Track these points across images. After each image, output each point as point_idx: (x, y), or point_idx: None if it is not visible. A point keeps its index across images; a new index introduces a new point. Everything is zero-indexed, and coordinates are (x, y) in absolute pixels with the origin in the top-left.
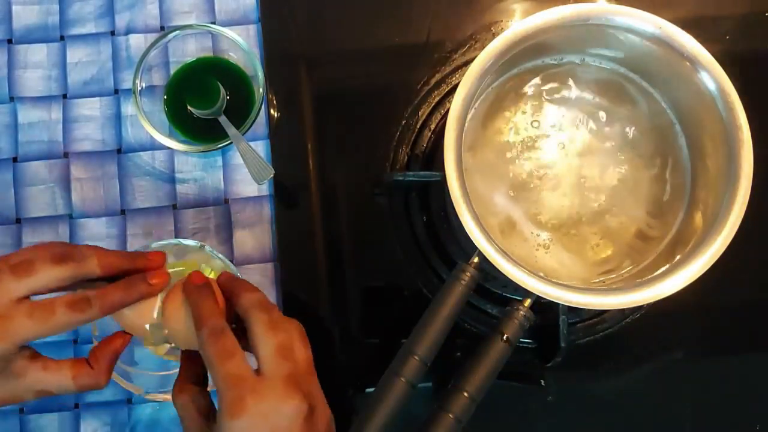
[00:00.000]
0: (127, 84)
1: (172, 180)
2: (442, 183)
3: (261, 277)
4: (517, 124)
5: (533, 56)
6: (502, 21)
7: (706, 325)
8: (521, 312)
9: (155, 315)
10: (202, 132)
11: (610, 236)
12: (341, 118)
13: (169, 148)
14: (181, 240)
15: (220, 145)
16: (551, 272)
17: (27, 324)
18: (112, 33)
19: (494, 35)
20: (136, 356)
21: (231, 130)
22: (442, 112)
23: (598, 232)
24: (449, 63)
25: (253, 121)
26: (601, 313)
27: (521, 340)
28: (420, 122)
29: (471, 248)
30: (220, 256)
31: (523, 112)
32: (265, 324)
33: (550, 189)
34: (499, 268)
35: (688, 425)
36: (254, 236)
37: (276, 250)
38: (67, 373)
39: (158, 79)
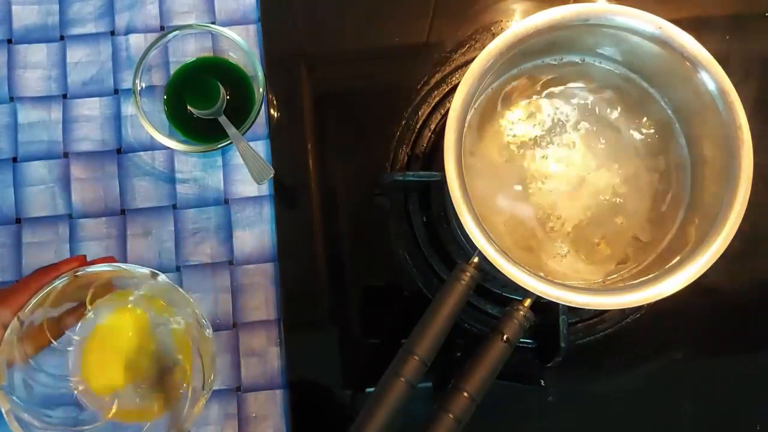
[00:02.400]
0: (127, 84)
1: (172, 180)
2: (442, 183)
3: (261, 277)
4: (517, 124)
5: (533, 56)
6: (502, 21)
7: (706, 325)
8: (521, 312)
9: None
10: (202, 132)
11: (610, 236)
12: (341, 118)
13: (169, 148)
14: (129, 266)
15: (220, 145)
16: (553, 273)
17: None
18: (112, 33)
19: (494, 35)
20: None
21: (231, 130)
22: (442, 112)
23: (599, 232)
24: (449, 63)
25: (253, 121)
26: (601, 313)
27: (521, 340)
28: (420, 122)
29: (471, 248)
30: (179, 288)
31: (523, 112)
32: None
33: (550, 189)
34: (499, 268)
35: (688, 425)
36: (254, 236)
37: (276, 250)
38: None
39: (158, 79)
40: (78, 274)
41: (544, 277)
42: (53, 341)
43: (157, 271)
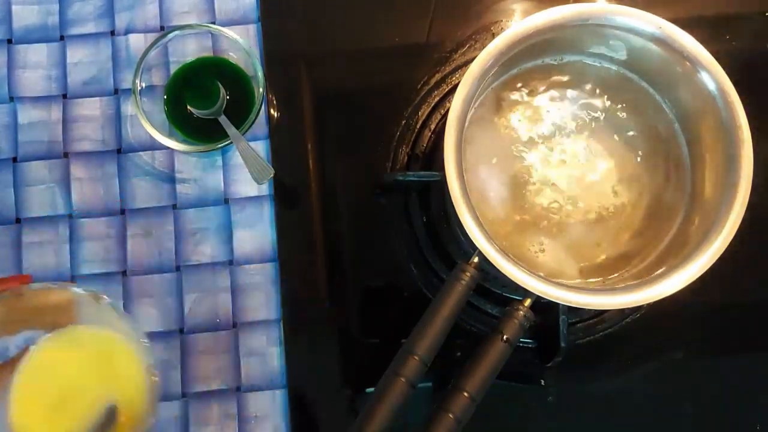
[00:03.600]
0: (127, 84)
1: (172, 180)
2: (442, 183)
3: (261, 277)
4: (517, 124)
5: (533, 56)
6: (502, 21)
7: (706, 325)
8: (521, 312)
9: None
10: (202, 132)
11: (610, 236)
12: (341, 118)
13: (169, 148)
14: (67, 285)
15: (220, 145)
16: (552, 273)
17: None
18: (112, 33)
19: (494, 35)
20: None
21: (231, 130)
22: (442, 112)
23: (598, 232)
24: (449, 63)
25: (253, 121)
26: (601, 313)
27: (521, 340)
28: (420, 122)
29: (471, 248)
30: (125, 313)
31: (523, 113)
32: None
33: (550, 189)
34: (499, 268)
35: (688, 425)
36: (254, 236)
37: (276, 250)
38: None
39: (158, 79)
40: (24, 291)
41: (544, 277)
42: None
43: (100, 294)
